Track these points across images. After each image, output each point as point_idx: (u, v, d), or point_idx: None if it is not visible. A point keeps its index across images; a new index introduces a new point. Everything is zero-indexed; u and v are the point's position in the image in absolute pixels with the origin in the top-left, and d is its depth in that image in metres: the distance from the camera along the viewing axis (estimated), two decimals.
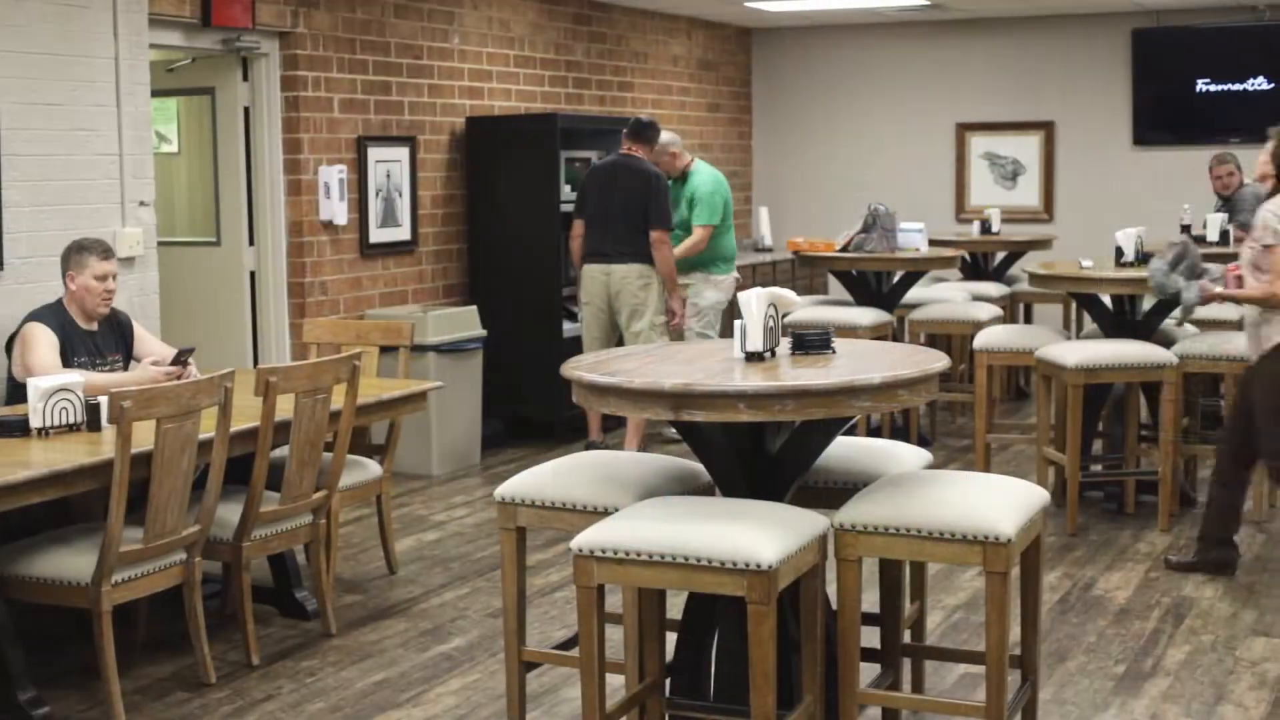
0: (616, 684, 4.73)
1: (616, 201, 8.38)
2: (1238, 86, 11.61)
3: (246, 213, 8.16)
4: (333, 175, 8.23)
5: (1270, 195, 6.06)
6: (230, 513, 5.28)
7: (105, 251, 5.72)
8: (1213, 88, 11.66)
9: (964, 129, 12.45)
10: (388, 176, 8.73)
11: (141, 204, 7.00)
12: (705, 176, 9.02)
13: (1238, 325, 8.33)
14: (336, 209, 8.28)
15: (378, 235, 8.69)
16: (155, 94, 7.34)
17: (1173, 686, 5.04)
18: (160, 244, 7.24)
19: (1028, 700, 4.32)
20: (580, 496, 4.24)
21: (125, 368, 5.85)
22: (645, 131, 8.56)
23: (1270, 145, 6.10)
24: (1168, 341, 7.43)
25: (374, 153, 8.61)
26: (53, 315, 5.67)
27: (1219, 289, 6.15)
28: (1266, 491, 7.36)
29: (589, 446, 8.59)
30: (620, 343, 8.44)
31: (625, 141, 8.58)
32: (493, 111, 9.62)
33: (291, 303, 8.20)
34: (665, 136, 8.87)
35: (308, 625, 5.77)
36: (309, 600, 5.84)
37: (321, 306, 8.28)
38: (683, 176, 9.01)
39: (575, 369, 4.06)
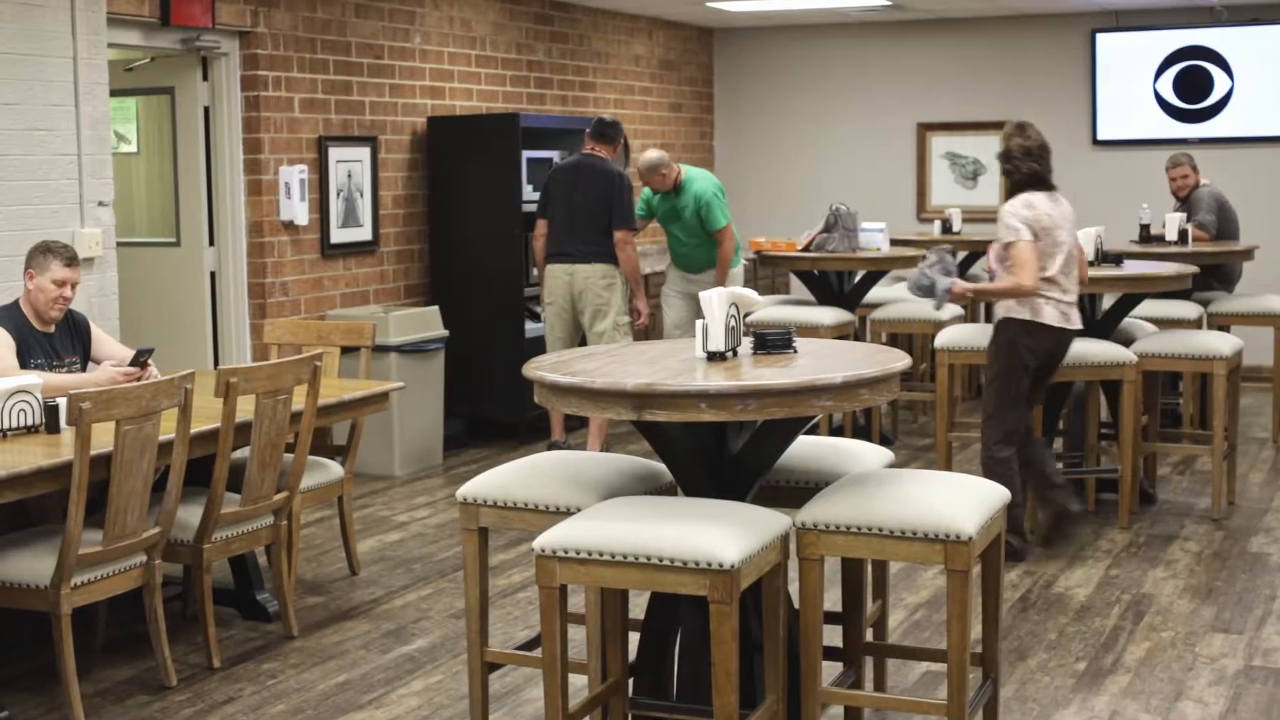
0: (579, 684, 4.73)
1: (579, 202, 8.39)
2: (1196, 87, 11.68)
3: (207, 213, 8.11)
4: (293, 175, 8.20)
5: (1008, 196, 6.49)
6: (191, 515, 5.26)
7: (71, 259, 5.66)
8: (1171, 88, 11.73)
9: (925, 129, 12.49)
10: (349, 176, 8.70)
11: (100, 204, 6.96)
12: (703, 181, 8.92)
13: (1196, 324, 8.41)
14: (297, 209, 8.25)
15: (339, 235, 8.66)
16: (114, 93, 7.29)
17: (1133, 683, 5.07)
18: (119, 244, 7.20)
19: (989, 698, 4.34)
20: (542, 497, 4.23)
21: (83, 369, 5.81)
22: (608, 131, 8.55)
23: (999, 150, 6.55)
24: (1127, 340, 7.47)
25: (335, 153, 8.58)
26: (8, 316, 5.63)
27: (969, 285, 6.50)
28: (1225, 489, 7.42)
29: (551, 446, 8.59)
30: (583, 343, 8.44)
31: (588, 141, 8.57)
32: (454, 111, 9.60)
33: (252, 303, 8.17)
34: (653, 156, 8.78)
35: (269, 627, 5.75)
36: (270, 602, 5.82)
37: (282, 307, 8.25)
38: (676, 188, 8.85)
39: (537, 369, 4.06)
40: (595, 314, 8.43)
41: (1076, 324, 6.48)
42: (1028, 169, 6.39)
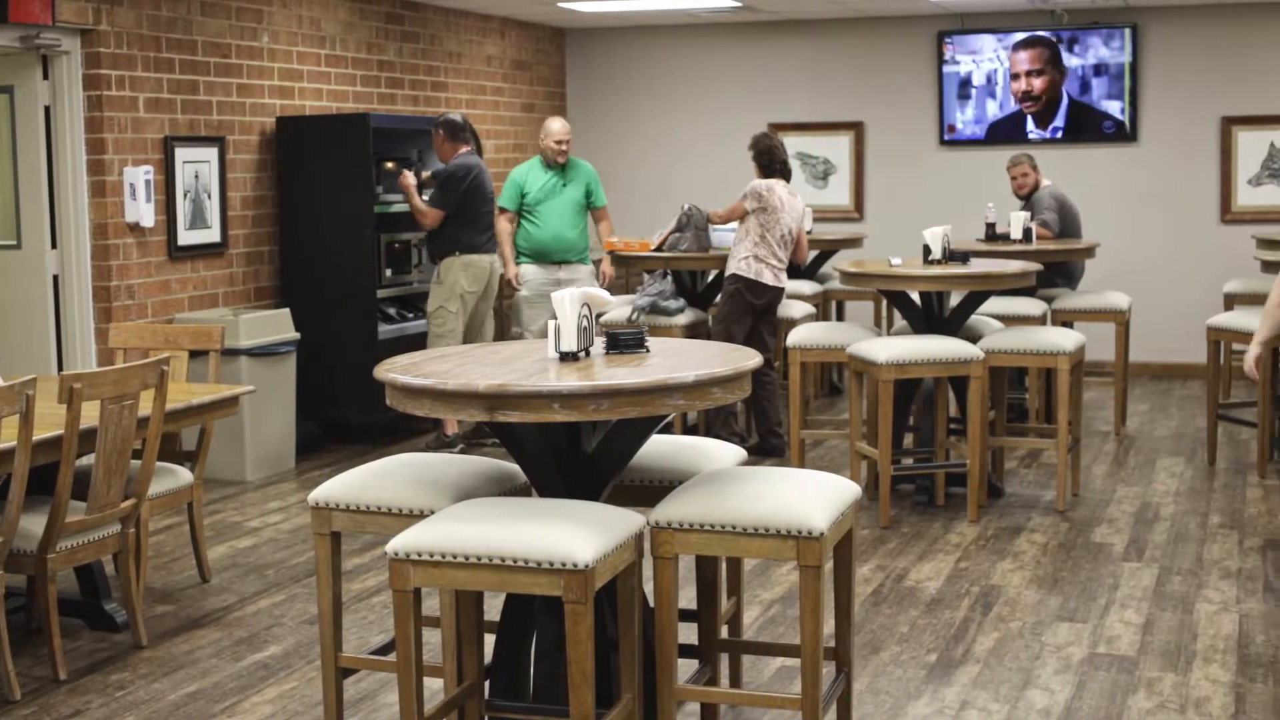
0: (435, 688, 4.71)
1: (490, 198, 9.05)
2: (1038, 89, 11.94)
3: (49, 215, 7.93)
4: (139, 176, 8.05)
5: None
6: (34, 524, 5.14)
7: None
8: (1015, 89, 11.97)
9: (776, 129, 12.59)
10: (196, 177, 8.56)
11: None
12: (585, 163, 9.75)
13: (1040, 320, 8.60)
14: (143, 210, 8.09)
15: (186, 237, 8.52)
16: None
17: (983, 673, 5.17)
18: None
19: (843, 691, 4.40)
20: (395, 499, 4.20)
21: None
22: (467, 131, 9.07)
23: (761, 148, 8.71)
24: (974, 337, 7.62)
25: (181, 153, 8.43)
26: None
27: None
28: (1069, 482, 7.59)
29: (439, 436, 8.97)
30: (469, 332, 9.07)
31: (464, 143, 9.00)
32: (304, 111, 9.49)
33: (97, 307, 7.99)
34: (561, 125, 9.45)
35: (117, 637, 5.64)
36: (118, 612, 5.71)
37: (128, 311, 8.09)
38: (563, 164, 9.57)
39: (389, 371, 4.03)
40: (491, 305, 9.15)
41: (783, 283, 8.62)
42: (779, 163, 8.67)
